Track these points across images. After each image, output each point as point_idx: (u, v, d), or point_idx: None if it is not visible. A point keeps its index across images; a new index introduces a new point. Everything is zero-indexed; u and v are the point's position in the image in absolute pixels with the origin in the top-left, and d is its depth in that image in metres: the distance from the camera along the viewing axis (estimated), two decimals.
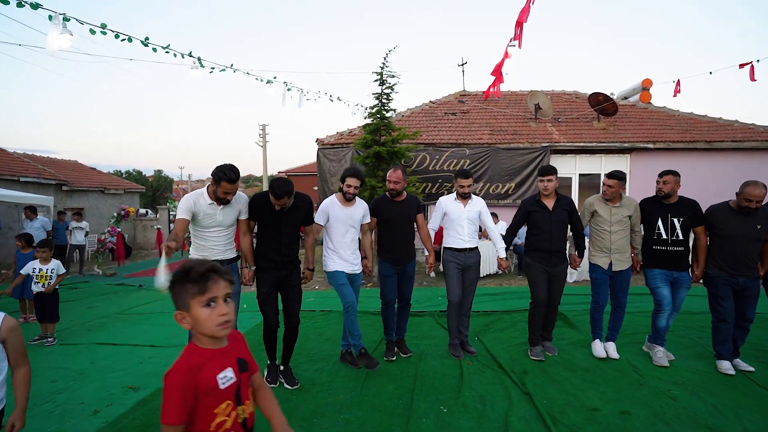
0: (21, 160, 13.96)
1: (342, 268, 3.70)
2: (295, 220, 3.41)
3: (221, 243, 3.21)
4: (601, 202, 3.97)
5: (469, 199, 4.09)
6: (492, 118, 12.18)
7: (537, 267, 3.96)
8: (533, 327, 4.04)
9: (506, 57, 8.58)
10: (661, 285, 3.77)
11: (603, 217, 3.92)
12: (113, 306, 6.69)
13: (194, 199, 3.08)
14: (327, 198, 3.79)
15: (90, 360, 4.10)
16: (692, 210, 3.75)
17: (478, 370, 3.73)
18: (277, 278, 3.39)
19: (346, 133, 11.63)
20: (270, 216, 3.31)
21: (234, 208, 3.21)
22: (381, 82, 8.76)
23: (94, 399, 3.26)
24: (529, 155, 10.48)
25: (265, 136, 27.58)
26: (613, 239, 3.89)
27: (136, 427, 2.83)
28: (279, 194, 3.15)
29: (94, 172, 17.72)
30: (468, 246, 4.01)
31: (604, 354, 3.97)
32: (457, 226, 4.03)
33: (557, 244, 3.91)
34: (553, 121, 11.80)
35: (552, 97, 13.19)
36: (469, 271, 4.05)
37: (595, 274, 4.00)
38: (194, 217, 3.09)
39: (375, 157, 8.77)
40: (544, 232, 3.91)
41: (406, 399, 3.19)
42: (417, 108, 13.23)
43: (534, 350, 4.02)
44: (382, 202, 3.96)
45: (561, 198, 3.98)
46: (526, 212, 4.02)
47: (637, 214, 3.93)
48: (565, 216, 3.94)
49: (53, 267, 4.91)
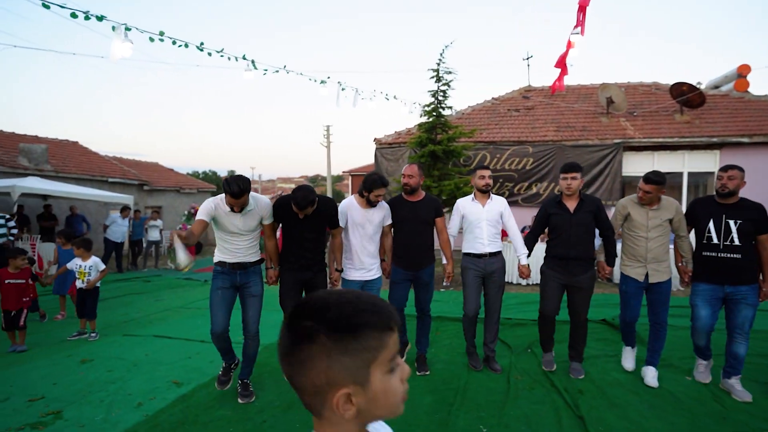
0: (110, 162, 15.36)
1: (356, 278, 3.57)
2: (318, 225, 3.36)
3: (244, 247, 3.19)
4: (635, 204, 3.50)
5: (489, 199, 3.76)
6: (558, 114, 11.46)
7: (550, 275, 3.59)
8: (542, 336, 3.77)
9: (570, 47, 7.97)
10: (700, 304, 3.27)
11: (638, 222, 3.45)
12: (177, 299, 7.08)
13: (215, 203, 3.08)
14: (345, 199, 3.66)
15: (145, 352, 4.30)
16: (757, 213, 3.17)
17: (527, 387, 3.41)
18: (301, 279, 3.36)
19: (404, 132, 11.51)
20: (292, 222, 3.28)
21: (255, 215, 3.17)
22: (437, 79, 8.53)
23: (140, 391, 3.39)
24: (598, 153, 9.71)
25: (329, 137, 28.25)
26: (649, 246, 3.40)
27: (173, 423, 2.88)
28: (302, 205, 3.09)
29: (171, 173, 19.11)
30: (488, 251, 3.67)
31: (632, 366, 3.63)
32: (476, 229, 3.69)
33: (577, 251, 3.48)
34: (628, 115, 10.84)
35: (627, 89, 12.17)
36: (492, 279, 3.69)
37: (625, 287, 3.54)
38: (217, 223, 3.10)
39: (430, 156, 8.55)
40: (563, 236, 3.51)
41: (443, 414, 2.98)
42: (478, 105, 12.81)
43: (545, 358, 3.75)
44: (394, 202, 3.72)
45: (585, 198, 3.55)
46: (546, 214, 3.63)
47: (680, 216, 3.42)
48: (588, 219, 3.50)
49: (91, 264, 5.04)
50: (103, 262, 5.15)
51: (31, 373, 3.80)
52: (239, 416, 2.96)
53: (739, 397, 3.17)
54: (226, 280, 3.16)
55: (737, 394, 3.19)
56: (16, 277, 4.57)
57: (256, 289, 3.23)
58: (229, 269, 3.16)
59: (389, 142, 11.13)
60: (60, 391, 3.42)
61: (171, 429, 2.80)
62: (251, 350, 3.26)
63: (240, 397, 3.16)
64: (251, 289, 3.21)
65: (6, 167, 11.12)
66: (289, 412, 3.01)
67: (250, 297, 3.22)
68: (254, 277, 3.24)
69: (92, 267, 5.02)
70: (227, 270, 3.16)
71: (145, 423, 2.88)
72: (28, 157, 12.02)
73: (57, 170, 12.36)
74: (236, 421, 2.90)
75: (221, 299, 3.14)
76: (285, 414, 2.99)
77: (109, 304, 6.88)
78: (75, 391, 3.41)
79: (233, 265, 3.16)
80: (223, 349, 3.26)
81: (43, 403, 3.20)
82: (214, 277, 3.20)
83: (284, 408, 3.07)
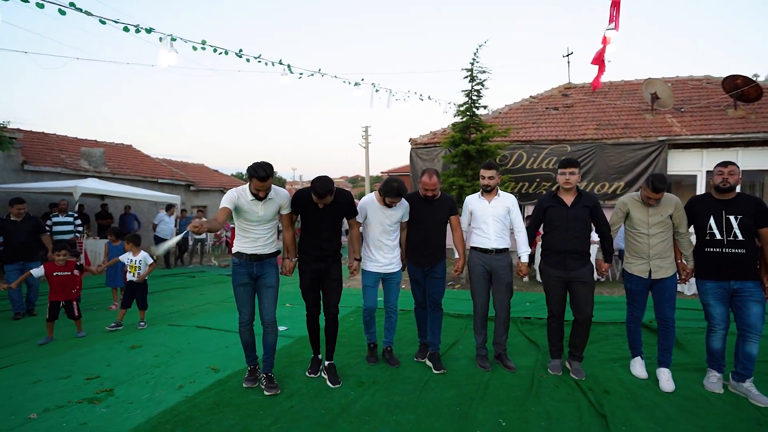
0: (160, 164, 16.28)
1: (374, 269, 3.73)
2: (336, 216, 3.50)
3: (263, 236, 3.36)
4: (636, 202, 3.51)
5: (496, 195, 3.78)
6: (599, 112, 11.13)
7: (550, 273, 3.59)
8: (551, 339, 3.76)
9: (606, 43, 7.73)
10: (712, 302, 3.26)
11: (639, 219, 3.46)
12: (219, 294, 7.45)
13: (238, 193, 3.26)
14: (365, 196, 3.78)
15: (187, 341, 4.61)
16: (755, 207, 3.16)
17: (551, 385, 3.41)
18: (318, 270, 3.50)
19: (439, 132, 11.53)
20: (311, 213, 3.42)
21: (274, 204, 3.35)
22: (471, 79, 8.53)
23: (182, 375, 3.66)
24: (641, 151, 9.36)
25: (367, 138, 28.57)
26: (651, 243, 3.41)
27: (209, 404, 3.11)
28: (321, 193, 3.22)
29: (216, 174, 19.99)
30: (494, 246, 3.70)
31: (644, 375, 3.52)
32: (482, 224, 3.75)
33: (574, 245, 3.49)
34: (674, 111, 10.37)
35: (675, 84, 11.64)
36: (498, 275, 3.71)
37: (630, 285, 3.55)
38: (239, 212, 3.26)
39: (464, 155, 8.56)
40: (560, 229, 3.52)
41: (464, 407, 3.04)
42: (516, 104, 12.63)
43: (552, 363, 3.71)
44: (414, 202, 3.77)
45: (582, 194, 3.57)
46: (543, 209, 3.64)
47: (680, 212, 3.39)
48: (585, 213, 3.51)
49: (141, 258, 5.32)
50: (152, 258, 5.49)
51: (89, 356, 4.17)
52: (269, 401, 3.15)
53: (759, 401, 3.06)
54: (244, 275, 3.32)
55: (756, 398, 3.08)
56: (62, 269, 4.76)
57: (271, 281, 3.39)
58: (246, 261, 3.32)
59: (424, 142, 11.19)
60: (112, 371, 3.75)
61: (207, 409, 3.02)
62: (270, 339, 3.42)
63: (266, 389, 3.31)
64: (267, 280, 3.38)
65: (69, 169, 12.05)
66: (315, 400, 3.16)
67: (265, 288, 3.38)
68: (270, 268, 3.40)
69: (142, 261, 5.32)
70: (244, 262, 3.32)
71: (184, 403, 3.12)
72: (88, 160, 12.96)
73: (113, 172, 13.25)
74: (266, 405, 3.09)
75: (243, 293, 3.34)
76: (312, 401, 3.14)
77: (157, 297, 7.34)
78: (125, 372, 3.72)
79: (250, 257, 3.31)
80: (248, 342, 3.43)
81: (98, 382, 3.53)
82: (233, 272, 3.37)
83: (311, 396, 3.23)
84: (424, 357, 3.93)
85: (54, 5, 4.28)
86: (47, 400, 3.19)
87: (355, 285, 7.58)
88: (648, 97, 10.55)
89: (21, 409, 3.05)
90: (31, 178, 11.13)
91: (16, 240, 5.69)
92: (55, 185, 10.24)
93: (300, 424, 2.83)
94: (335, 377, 3.48)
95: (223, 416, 2.92)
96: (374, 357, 3.96)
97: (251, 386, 3.39)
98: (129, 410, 3.03)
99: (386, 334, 3.99)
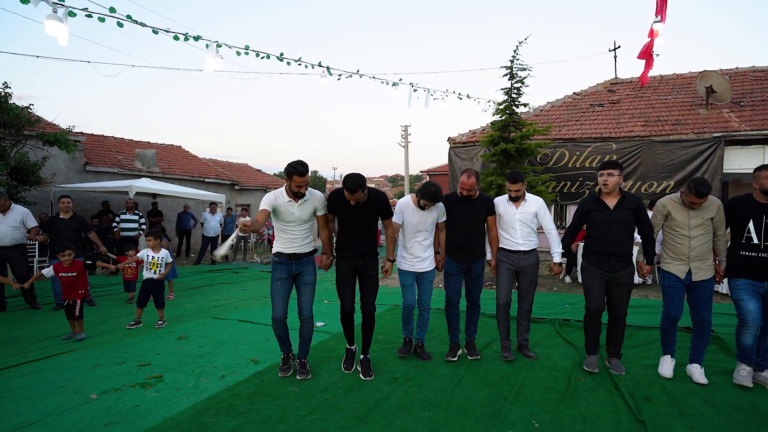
0: (206, 164, 17.00)
1: (410, 268, 3.83)
2: (370, 215, 3.56)
3: (300, 236, 3.49)
4: (676, 204, 3.47)
5: (524, 200, 3.85)
6: (648, 107, 10.62)
7: (592, 271, 3.57)
8: (587, 335, 3.74)
9: (653, 36, 7.37)
10: (745, 297, 3.26)
11: (680, 221, 3.44)
12: (260, 290, 7.73)
13: (275, 195, 3.42)
14: (403, 198, 3.87)
15: (230, 333, 4.83)
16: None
17: (588, 388, 3.33)
18: (354, 267, 3.59)
19: (478, 130, 11.39)
20: (345, 212, 3.52)
21: (310, 205, 3.47)
22: (510, 76, 8.38)
23: (224, 365, 3.85)
24: (694, 148, 8.87)
25: (407, 137, 28.56)
26: (692, 245, 3.39)
27: (248, 393, 3.26)
28: (353, 189, 3.32)
29: (259, 174, 20.63)
30: (521, 248, 3.85)
31: (670, 373, 3.51)
32: (510, 229, 3.89)
33: (617, 247, 3.49)
34: (733, 105, 9.75)
35: (734, 76, 10.94)
36: (524, 274, 3.90)
37: (667, 282, 3.52)
38: (277, 213, 3.41)
39: (503, 154, 8.43)
40: (603, 232, 3.53)
41: (496, 406, 3.03)
42: (558, 101, 12.27)
43: (588, 360, 3.70)
44: (452, 201, 3.89)
45: (626, 196, 3.55)
46: (585, 211, 3.67)
47: (720, 215, 3.31)
48: (628, 216, 3.50)
49: (162, 255, 5.18)
50: (196, 256, 5.73)
51: (141, 344, 4.47)
52: (306, 393, 3.27)
53: (739, 381, 3.25)
54: (283, 271, 3.48)
55: (739, 379, 3.25)
56: (67, 270, 4.76)
57: (309, 278, 3.55)
58: (286, 260, 3.48)
59: (463, 141, 11.09)
60: (162, 359, 4.00)
61: (247, 398, 3.17)
62: (306, 332, 3.58)
63: (299, 374, 3.52)
64: (305, 278, 3.53)
65: (125, 170, 12.83)
66: (350, 394, 3.25)
67: (303, 285, 3.54)
68: (308, 266, 3.56)
69: (163, 258, 5.19)
70: (284, 260, 3.48)
71: (226, 391, 3.29)
72: (142, 160, 13.73)
73: (164, 172, 13.97)
74: (303, 397, 3.20)
75: (280, 289, 3.48)
76: (346, 395, 3.23)
77: (203, 291, 7.72)
78: (173, 361, 3.96)
79: (289, 256, 3.47)
80: (281, 336, 3.59)
81: (149, 368, 3.78)
82: (273, 269, 3.54)
83: (346, 390, 3.32)
84: (455, 356, 3.96)
85: (113, 19, 4.60)
86: (105, 383, 3.46)
87: (391, 284, 7.66)
88: (702, 91, 9.97)
89: (83, 390, 3.33)
90: (92, 178, 11.94)
91: (63, 237, 5.92)
92: (112, 185, 10.94)
93: (334, 416, 2.92)
94: (368, 370, 3.58)
95: (262, 405, 3.06)
96: (406, 351, 4.04)
97: (286, 375, 3.54)
98: (176, 396, 3.23)
99: (418, 332, 4.06)
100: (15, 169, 8.29)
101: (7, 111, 8.10)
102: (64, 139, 8.86)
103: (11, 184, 8.52)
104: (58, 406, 3.06)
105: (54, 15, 4.46)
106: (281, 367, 3.63)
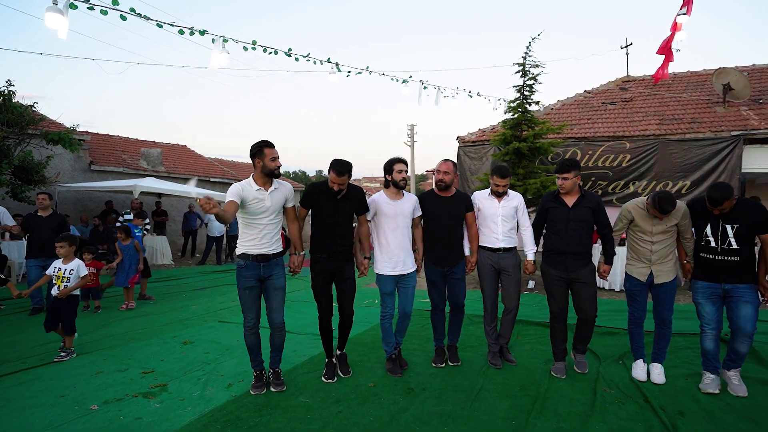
0: (212, 164, 16.90)
1: (390, 272, 3.57)
2: (349, 209, 3.46)
3: (270, 232, 3.23)
4: (641, 210, 3.46)
5: (506, 195, 3.77)
6: (662, 105, 10.38)
7: (551, 274, 3.58)
8: (553, 340, 3.71)
9: (675, 29, 7.13)
10: (702, 301, 3.31)
11: (643, 227, 3.46)
12: None
13: (242, 185, 3.16)
14: (375, 194, 3.69)
15: (237, 338, 4.66)
16: (756, 216, 3.14)
17: (616, 401, 3.14)
18: (330, 270, 3.43)
19: (489, 129, 11.19)
20: (325, 204, 3.38)
21: (280, 193, 3.27)
22: (523, 74, 8.19)
23: (231, 373, 3.69)
24: (711, 147, 8.62)
25: (413, 136, 28.34)
26: (654, 249, 3.44)
27: (256, 404, 3.09)
28: (341, 171, 3.23)
29: None
30: (503, 246, 3.75)
31: (644, 377, 3.47)
32: (491, 224, 3.78)
33: (574, 245, 3.48)
34: (751, 103, 9.49)
35: (752, 73, 10.68)
36: (507, 273, 3.78)
37: (629, 285, 3.60)
38: (244, 205, 3.14)
39: (515, 153, 8.24)
40: (561, 230, 3.53)
41: (520, 420, 2.85)
42: (569, 99, 12.05)
43: (556, 366, 3.65)
44: (427, 198, 3.77)
45: (585, 195, 3.56)
46: (544, 209, 3.68)
47: (686, 220, 3.39)
48: (587, 214, 3.50)
49: (72, 267, 4.14)
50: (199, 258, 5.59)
51: (145, 350, 4.32)
52: (317, 405, 3.09)
53: (735, 391, 3.20)
54: (250, 278, 3.18)
55: (734, 389, 3.22)
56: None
57: (279, 282, 3.28)
58: (252, 262, 3.18)
59: (473, 140, 10.89)
60: (166, 366, 3.84)
61: (255, 410, 3.00)
62: (278, 340, 3.37)
63: (273, 385, 3.30)
64: (275, 282, 3.26)
65: (130, 169, 12.74)
66: (364, 406, 3.07)
67: (273, 289, 3.27)
68: (277, 269, 3.29)
69: (74, 271, 4.15)
70: (250, 264, 3.18)
71: (233, 402, 3.13)
72: (147, 160, 13.64)
73: (169, 171, 13.87)
74: (314, 409, 3.03)
75: (250, 298, 3.21)
76: (360, 407, 3.06)
77: (208, 293, 7.58)
78: (178, 368, 3.81)
79: (257, 257, 3.18)
80: (253, 345, 3.32)
81: (152, 376, 3.62)
82: (239, 275, 3.21)
83: (360, 401, 3.15)
84: (442, 362, 3.82)
85: (116, 11, 4.45)
86: (107, 392, 3.30)
87: None
88: (719, 88, 9.71)
89: (84, 400, 3.18)
90: (98, 178, 11.85)
91: (39, 236, 5.67)
92: (117, 184, 10.84)
93: (349, 430, 2.75)
94: (346, 366, 3.51)
95: (271, 418, 2.89)
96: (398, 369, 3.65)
97: (259, 393, 3.25)
98: (181, 407, 3.07)
99: (397, 336, 3.77)
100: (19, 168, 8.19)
101: (11, 109, 8.00)
102: (68, 137, 8.76)
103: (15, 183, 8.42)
104: (56, 417, 2.91)
105: (54, 7, 4.31)
106: (254, 384, 3.33)
